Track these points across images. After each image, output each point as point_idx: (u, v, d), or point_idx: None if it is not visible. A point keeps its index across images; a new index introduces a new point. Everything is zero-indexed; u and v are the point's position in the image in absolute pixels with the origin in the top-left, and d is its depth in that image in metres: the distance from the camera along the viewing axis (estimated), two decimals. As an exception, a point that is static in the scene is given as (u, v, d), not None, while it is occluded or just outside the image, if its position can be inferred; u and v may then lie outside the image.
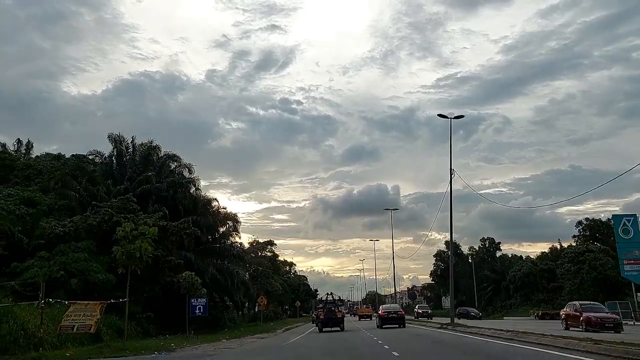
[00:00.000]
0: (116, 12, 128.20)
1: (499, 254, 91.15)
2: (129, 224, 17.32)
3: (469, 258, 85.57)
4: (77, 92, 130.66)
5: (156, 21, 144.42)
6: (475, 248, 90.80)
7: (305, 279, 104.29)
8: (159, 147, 36.44)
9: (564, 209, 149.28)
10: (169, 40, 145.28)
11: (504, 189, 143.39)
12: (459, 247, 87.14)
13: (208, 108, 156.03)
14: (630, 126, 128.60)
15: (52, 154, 39.82)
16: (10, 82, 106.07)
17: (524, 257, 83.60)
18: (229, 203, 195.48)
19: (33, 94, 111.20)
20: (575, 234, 68.55)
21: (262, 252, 69.07)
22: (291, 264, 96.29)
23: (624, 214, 39.37)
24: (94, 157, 37.04)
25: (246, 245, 60.53)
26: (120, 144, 35.29)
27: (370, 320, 58.28)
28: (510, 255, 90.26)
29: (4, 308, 16.61)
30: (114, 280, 23.56)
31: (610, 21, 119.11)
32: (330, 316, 32.53)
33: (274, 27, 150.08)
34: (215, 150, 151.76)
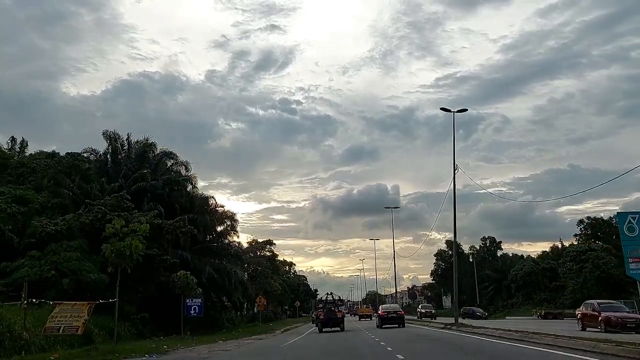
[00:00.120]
0: (115, 13, 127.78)
1: (500, 253, 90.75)
2: (119, 221, 16.59)
3: (470, 257, 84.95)
4: (77, 93, 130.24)
5: (155, 21, 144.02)
6: (476, 247, 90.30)
7: (304, 279, 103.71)
8: (155, 145, 35.80)
9: (564, 209, 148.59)
10: (168, 41, 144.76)
11: (503, 189, 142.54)
12: (460, 246, 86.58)
13: (207, 108, 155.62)
14: (629, 125, 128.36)
15: (46, 151, 39.02)
16: (10, 83, 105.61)
17: (525, 257, 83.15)
18: (228, 203, 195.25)
19: (32, 95, 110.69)
20: (577, 232, 68.21)
21: (261, 252, 68.42)
22: (291, 263, 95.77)
23: (629, 212, 38.37)
24: (89, 155, 36.25)
25: (245, 245, 60.01)
26: (116, 141, 34.56)
27: (371, 320, 57.92)
28: (511, 254, 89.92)
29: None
30: (107, 280, 22.86)
31: (608, 20, 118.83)
32: (330, 316, 32.28)
33: (273, 27, 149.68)
34: (215, 151, 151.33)
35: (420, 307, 61.88)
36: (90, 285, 23.23)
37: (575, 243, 65.38)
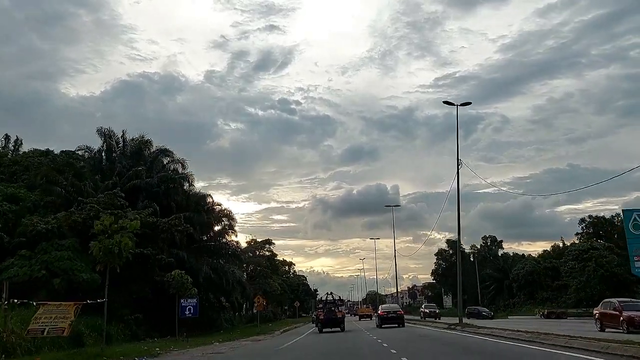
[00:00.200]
0: (114, 14, 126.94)
1: (501, 252, 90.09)
2: (108, 217, 15.86)
3: (471, 256, 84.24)
4: (76, 94, 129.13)
5: (154, 22, 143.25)
6: (476, 246, 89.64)
7: (304, 278, 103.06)
8: (151, 142, 34.99)
9: (563, 208, 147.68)
10: (168, 41, 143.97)
11: (503, 188, 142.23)
12: (461, 246, 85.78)
13: (207, 109, 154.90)
14: (628, 125, 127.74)
15: (40, 149, 38.29)
16: (9, 83, 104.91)
17: (526, 256, 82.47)
18: (228, 204, 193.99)
19: (31, 95, 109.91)
20: (578, 231, 67.49)
21: (260, 251, 67.72)
22: (290, 263, 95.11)
23: (635, 209, 37.83)
24: (83, 153, 35.51)
25: (244, 245, 59.33)
26: (110, 138, 33.79)
27: (371, 320, 57.53)
28: (512, 253, 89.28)
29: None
30: (99, 280, 22.10)
31: (607, 20, 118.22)
32: (330, 316, 32.06)
33: (272, 28, 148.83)
34: (214, 151, 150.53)
35: (423, 307, 60.00)
36: (82, 285, 22.53)
37: (577, 242, 64.73)
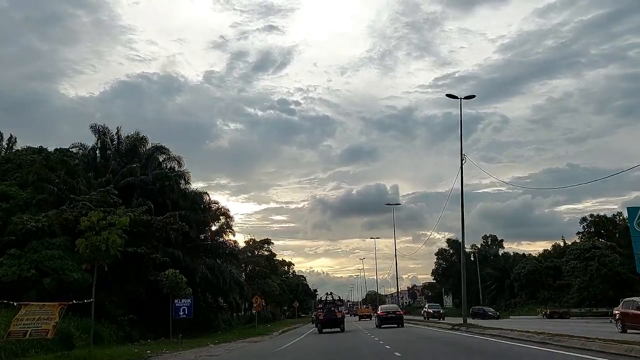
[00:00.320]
0: (113, 14, 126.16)
1: (502, 251, 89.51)
2: (96, 214, 15.14)
3: (471, 256, 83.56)
4: (75, 94, 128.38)
5: (153, 22, 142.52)
6: (477, 246, 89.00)
7: (303, 278, 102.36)
8: (146, 139, 34.15)
9: (563, 208, 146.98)
10: (167, 42, 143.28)
11: (502, 188, 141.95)
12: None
13: (206, 109, 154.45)
14: (627, 124, 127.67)
15: (34, 147, 37.49)
16: (8, 84, 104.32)
17: (526, 255, 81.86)
18: (227, 204, 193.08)
19: (30, 96, 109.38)
20: (580, 230, 66.79)
21: (259, 251, 66.97)
22: (289, 263, 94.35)
23: (640, 207, 37.40)
24: (77, 150, 34.76)
25: (242, 245, 58.59)
26: (105, 135, 33.00)
27: (370, 320, 57.07)
28: (512, 253, 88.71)
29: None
30: (91, 280, 21.35)
31: (606, 20, 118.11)
32: (330, 317, 31.71)
33: (271, 28, 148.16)
34: (214, 152, 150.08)
35: (427, 307, 58.19)
36: (73, 284, 21.76)
37: (579, 241, 64.07)
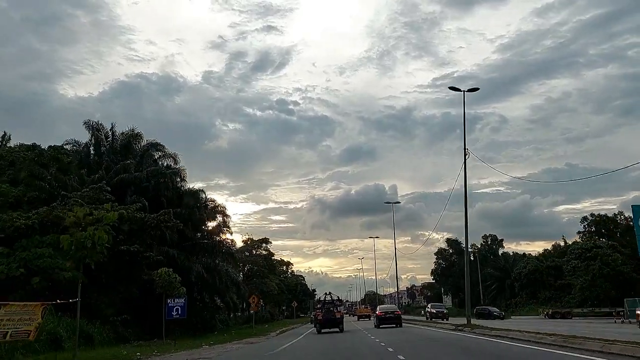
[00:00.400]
0: (112, 14, 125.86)
1: (502, 251, 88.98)
2: (82, 209, 14.46)
3: (472, 255, 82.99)
4: (74, 95, 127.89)
5: (152, 23, 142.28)
6: (477, 246, 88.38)
7: (302, 278, 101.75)
8: (141, 135, 33.53)
9: (562, 208, 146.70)
10: (166, 42, 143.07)
11: (501, 188, 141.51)
12: (460, 244, 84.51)
13: (205, 109, 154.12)
14: (626, 124, 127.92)
15: (27, 144, 36.70)
16: (7, 84, 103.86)
17: (526, 255, 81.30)
18: (226, 204, 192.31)
19: (29, 96, 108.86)
20: (580, 230, 66.23)
21: (257, 251, 66.31)
22: (288, 263, 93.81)
23: (645, 205, 36.79)
24: (71, 147, 34.03)
25: (240, 244, 57.93)
26: (98, 131, 32.34)
27: (369, 320, 56.44)
28: (512, 253, 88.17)
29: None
30: (83, 279, 20.66)
31: (605, 19, 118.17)
32: (329, 317, 31.31)
33: (270, 28, 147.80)
34: (213, 152, 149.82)
35: (429, 307, 55.90)
36: (64, 284, 21.00)
37: (579, 240, 63.51)
